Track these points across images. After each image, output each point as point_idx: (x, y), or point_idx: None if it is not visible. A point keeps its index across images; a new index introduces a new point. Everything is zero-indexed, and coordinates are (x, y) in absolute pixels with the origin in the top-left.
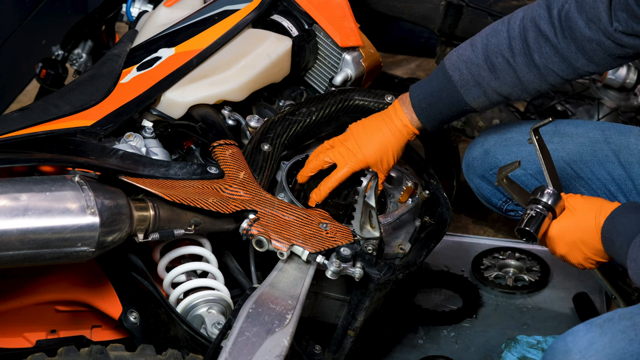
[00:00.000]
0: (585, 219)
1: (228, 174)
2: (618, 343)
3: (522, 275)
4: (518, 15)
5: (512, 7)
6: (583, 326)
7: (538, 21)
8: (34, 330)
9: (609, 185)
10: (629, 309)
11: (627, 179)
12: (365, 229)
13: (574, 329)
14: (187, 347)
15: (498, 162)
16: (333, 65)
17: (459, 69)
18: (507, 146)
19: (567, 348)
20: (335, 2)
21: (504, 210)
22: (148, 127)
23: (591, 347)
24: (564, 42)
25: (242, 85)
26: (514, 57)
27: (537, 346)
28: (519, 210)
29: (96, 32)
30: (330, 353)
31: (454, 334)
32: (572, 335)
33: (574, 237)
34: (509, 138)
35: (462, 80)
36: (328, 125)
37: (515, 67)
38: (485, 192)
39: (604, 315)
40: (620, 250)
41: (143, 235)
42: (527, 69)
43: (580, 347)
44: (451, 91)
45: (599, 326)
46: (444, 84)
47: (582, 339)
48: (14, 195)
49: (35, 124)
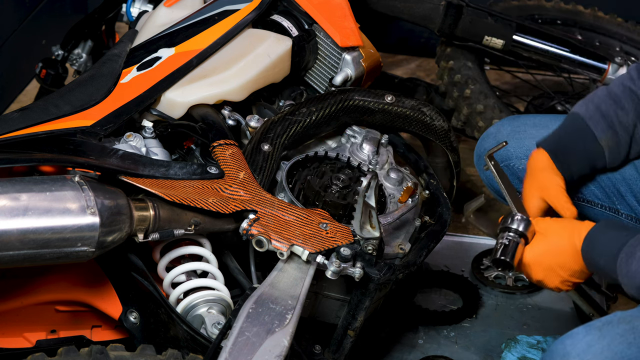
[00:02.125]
0: (558, 242)
1: (228, 174)
2: (617, 346)
3: (522, 275)
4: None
5: (512, 7)
6: (582, 329)
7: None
8: (34, 330)
9: (619, 185)
10: (628, 313)
11: (638, 179)
12: (365, 229)
13: (573, 331)
14: (187, 347)
15: (510, 155)
16: (333, 65)
17: (585, 105)
18: (520, 139)
19: (566, 351)
20: (335, 2)
21: None
22: (148, 127)
23: (589, 350)
24: None
25: (242, 85)
26: (633, 81)
27: (537, 346)
28: None
29: (96, 32)
30: (330, 353)
31: (454, 334)
32: (571, 338)
33: (550, 261)
34: (522, 131)
35: (588, 112)
36: (328, 125)
37: (637, 91)
38: (496, 183)
39: (603, 318)
40: (607, 268)
41: (143, 235)
42: None
43: (579, 350)
44: (580, 125)
45: (598, 329)
46: (572, 121)
47: (581, 341)
48: (14, 195)
49: (35, 124)
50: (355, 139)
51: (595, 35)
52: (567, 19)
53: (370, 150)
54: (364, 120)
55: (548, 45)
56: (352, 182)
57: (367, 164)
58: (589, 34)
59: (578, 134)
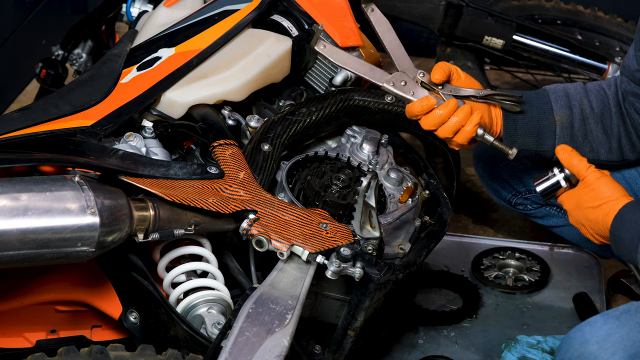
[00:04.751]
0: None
1: (228, 174)
2: (636, 335)
3: (522, 275)
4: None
5: (512, 7)
6: (600, 317)
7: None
8: (34, 330)
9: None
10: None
11: (638, 179)
12: (365, 229)
13: (591, 319)
14: (187, 347)
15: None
16: (333, 65)
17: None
18: None
19: (585, 338)
20: (335, 2)
21: (513, 203)
22: (148, 127)
23: (609, 339)
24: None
25: (242, 85)
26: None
27: (537, 346)
28: (527, 204)
29: (96, 32)
30: (330, 353)
31: (454, 334)
32: (590, 325)
33: (581, 217)
34: None
35: (555, 89)
36: (328, 125)
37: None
38: (495, 184)
39: (620, 307)
40: (630, 246)
41: (143, 235)
42: None
43: (598, 337)
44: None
45: (616, 318)
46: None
47: (600, 329)
48: (14, 195)
49: (35, 124)
50: (355, 139)
51: (595, 35)
52: (567, 19)
53: (370, 150)
54: (364, 120)
55: (548, 45)
56: (352, 182)
57: (367, 164)
58: (589, 34)
59: (537, 102)
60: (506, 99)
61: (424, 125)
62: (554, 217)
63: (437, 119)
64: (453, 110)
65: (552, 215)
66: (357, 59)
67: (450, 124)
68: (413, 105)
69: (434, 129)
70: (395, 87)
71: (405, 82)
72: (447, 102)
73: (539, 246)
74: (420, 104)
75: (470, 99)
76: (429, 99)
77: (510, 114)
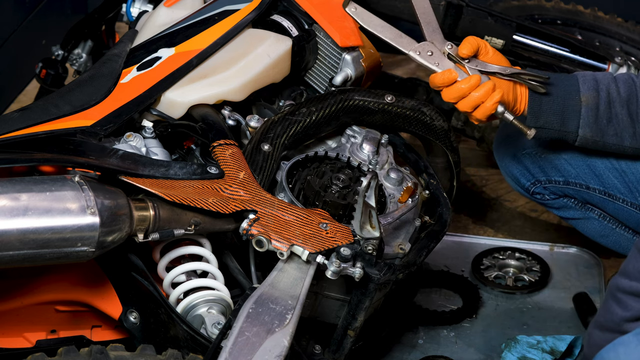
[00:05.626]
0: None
1: (228, 174)
2: None
3: (522, 275)
4: None
5: (512, 7)
6: (633, 337)
7: None
8: (34, 330)
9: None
10: None
11: None
12: (365, 229)
13: (623, 339)
14: (187, 347)
15: (531, 142)
16: (333, 65)
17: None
18: None
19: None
20: (335, 2)
21: (531, 192)
22: (148, 127)
23: None
24: None
25: (242, 85)
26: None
27: (537, 346)
28: (545, 194)
29: (96, 32)
30: (330, 353)
31: (454, 334)
32: (624, 346)
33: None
34: None
35: (584, 74)
36: (328, 125)
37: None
38: (515, 171)
39: None
40: None
41: (143, 235)
42: None
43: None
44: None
45: None
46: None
47: (635, 351)
48: (14, 195)
49: (35, 124)
50: (355, 139)
51: (595, 35)
52: (567, 19)
53: (370, 150)
54: (364, 120)
55: (548, 45)
56: (352, 182)
57: (367, 164)
58: (589, 34)
59: (564, 83)
60: (533, 78)
61: (444, 97)
62: (571, 209)
63: (458, 92)
64: (475, 85)
65: (569, 207)
66: (386, 23)
67: (471, 98)
68: (436, 76)
69: (454, 102)
70: (421, 56)
71: (431, 53)
72: (469, 77)
73: (539, 246)
74: (443, 76)
75: (497, 75)
76: (451, 72)
77: (537, 93)
